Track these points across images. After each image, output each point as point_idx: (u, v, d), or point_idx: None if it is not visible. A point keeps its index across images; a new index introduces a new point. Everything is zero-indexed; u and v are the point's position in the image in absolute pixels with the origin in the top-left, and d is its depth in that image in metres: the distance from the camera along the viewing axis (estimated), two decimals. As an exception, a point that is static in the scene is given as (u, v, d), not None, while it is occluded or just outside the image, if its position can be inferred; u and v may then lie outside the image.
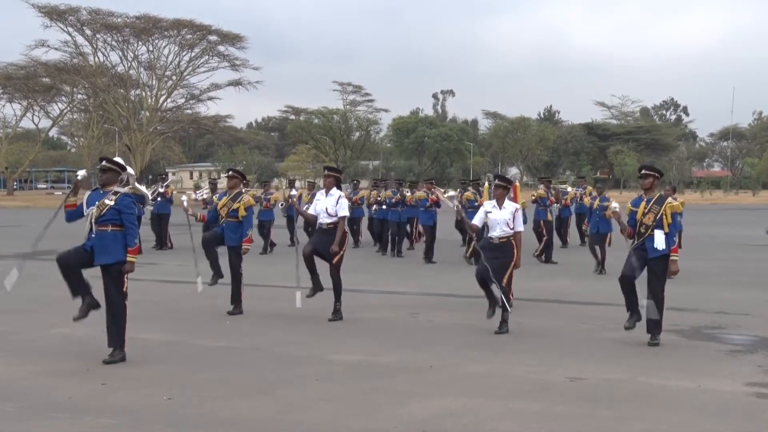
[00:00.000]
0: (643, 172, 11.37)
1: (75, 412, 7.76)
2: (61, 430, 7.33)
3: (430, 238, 22.19)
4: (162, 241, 25.26)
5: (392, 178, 39.32)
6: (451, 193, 15.72)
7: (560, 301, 14.64)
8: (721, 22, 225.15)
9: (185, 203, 13.92)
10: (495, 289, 11.53)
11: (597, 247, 18.97)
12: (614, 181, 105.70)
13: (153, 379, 9.01)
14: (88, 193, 10.10)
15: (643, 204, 11.11)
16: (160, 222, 25.27)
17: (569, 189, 26.73)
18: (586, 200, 21.26)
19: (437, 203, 22.60)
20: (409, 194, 23.77)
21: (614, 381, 8.96)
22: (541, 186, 23.30)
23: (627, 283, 10.97)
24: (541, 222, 21.49)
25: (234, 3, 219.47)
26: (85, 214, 9.89)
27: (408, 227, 24.77)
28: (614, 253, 18.00)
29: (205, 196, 21.71)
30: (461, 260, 21.12)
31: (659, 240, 10.90)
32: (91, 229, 9.79)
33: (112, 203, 9.81)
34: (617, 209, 11.44)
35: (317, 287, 12.81)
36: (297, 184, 27.29)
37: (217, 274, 13.56)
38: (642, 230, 11.02)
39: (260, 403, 8.10)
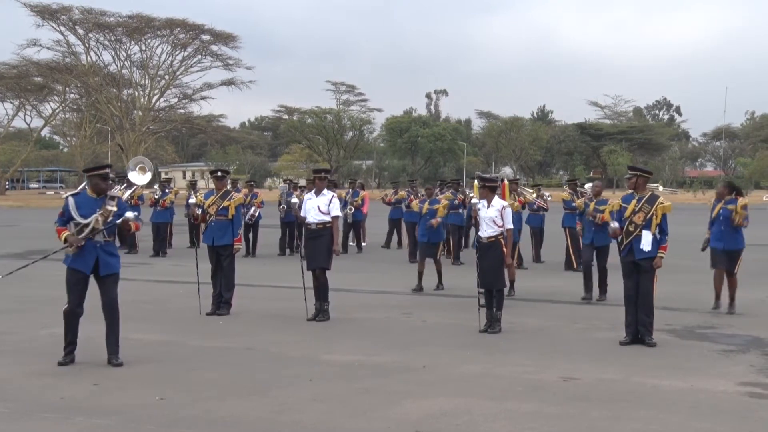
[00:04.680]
0: (629, 173, 11.39)
1: (67, 412, 7.75)
2: (54, 430, 7.32)
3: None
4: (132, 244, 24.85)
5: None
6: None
7: (553, 301, 14.66)
8: (713, 22, 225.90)
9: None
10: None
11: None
12: (608, 181, 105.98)
13: (146, 380, 9.01)
14: (70, 198, 9.74)
15: (633, 202, 11.06)
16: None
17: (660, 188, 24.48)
18: (579, 202, 16.74)
19: (523, 205, 20.73)
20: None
21: (607, 381, 8.98)
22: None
23: (633, 302, 10.97)
24: None
25: (225, 2, 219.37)
26: (78, 220, 9.58)
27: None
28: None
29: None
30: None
31: (646, 241, 10.89)
32: (91, 238, 9.55)
33: (116, 209, 9.70)
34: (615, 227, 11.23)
35: (316, 315, 12.86)
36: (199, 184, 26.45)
37: None
38: (630, 229, 10.99)
39: (253, 403, 8.09)
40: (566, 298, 14.57)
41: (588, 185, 21.40)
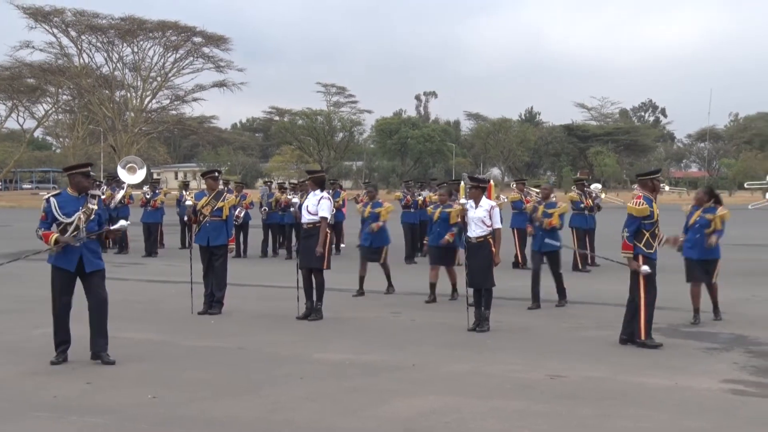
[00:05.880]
0: (660, 177, 11.29)
1: (60, 411, 7.80)
2: (47, 429, 7.37)
3: (522, 244, 20.79)
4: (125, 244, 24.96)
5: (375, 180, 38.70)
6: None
7: (541, 300, 14.66)
8: (698, 25, 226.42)
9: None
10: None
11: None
12: (595, 182, 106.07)
13: (138, 379, 9.07)
14: (52, 199, 9.78)
15: (656, 206, 10.97)
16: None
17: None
18: (528, 206, 16.67)
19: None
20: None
21: (594, 379, 9.08)
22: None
23: None
24: None
25: (217, 4, 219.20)
26: (61, 220, 9.67)
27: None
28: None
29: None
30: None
31: None
32: (76, 235, 9.66)
33: (96, 207, 9.86)
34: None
35: (309, 312, 12.99)
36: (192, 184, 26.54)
37: None
38: (657, 232, 10.95)
39: (245, 402, 8.16)
40: (554, 297, 14.66)
41: (594, 185, 21.39)
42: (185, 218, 14.27)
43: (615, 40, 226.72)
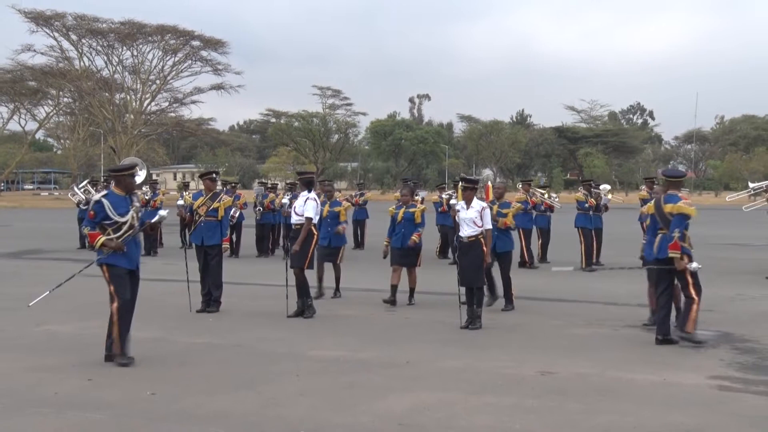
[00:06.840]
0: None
1: (60, 407, 7.91)
2: (47, 425, 7.45)
3: (528, 242, 20.81)
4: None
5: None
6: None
7: (532, 298, 14.86)
8: (685, 29, 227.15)
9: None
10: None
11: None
12: (585, 182, 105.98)
13: (138, 375, 9.17)
14: (104, 200, 9.84)
15: None
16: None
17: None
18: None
19: (534, 205, 21.52)
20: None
21: (584, 375, 9.21)
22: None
23: None
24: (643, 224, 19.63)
25: (213, 8, 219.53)
26: (117, 219, 9.81)
27: None
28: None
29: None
30: (435, 258, 21.48)
31: None
32: (123, 240, 9.81)
33: (139, 204, 10.16)
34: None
35: (299, 312, 13.14)
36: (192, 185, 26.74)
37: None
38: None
39: (242, 398, 8.27)
40: (544, 295, 14.77)
41: (603, 186, 21.46)
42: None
43: (604, 44, 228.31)
